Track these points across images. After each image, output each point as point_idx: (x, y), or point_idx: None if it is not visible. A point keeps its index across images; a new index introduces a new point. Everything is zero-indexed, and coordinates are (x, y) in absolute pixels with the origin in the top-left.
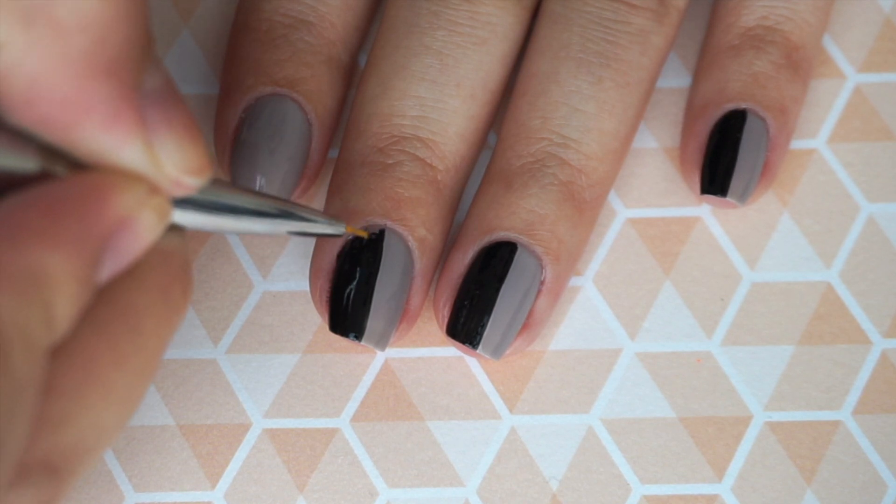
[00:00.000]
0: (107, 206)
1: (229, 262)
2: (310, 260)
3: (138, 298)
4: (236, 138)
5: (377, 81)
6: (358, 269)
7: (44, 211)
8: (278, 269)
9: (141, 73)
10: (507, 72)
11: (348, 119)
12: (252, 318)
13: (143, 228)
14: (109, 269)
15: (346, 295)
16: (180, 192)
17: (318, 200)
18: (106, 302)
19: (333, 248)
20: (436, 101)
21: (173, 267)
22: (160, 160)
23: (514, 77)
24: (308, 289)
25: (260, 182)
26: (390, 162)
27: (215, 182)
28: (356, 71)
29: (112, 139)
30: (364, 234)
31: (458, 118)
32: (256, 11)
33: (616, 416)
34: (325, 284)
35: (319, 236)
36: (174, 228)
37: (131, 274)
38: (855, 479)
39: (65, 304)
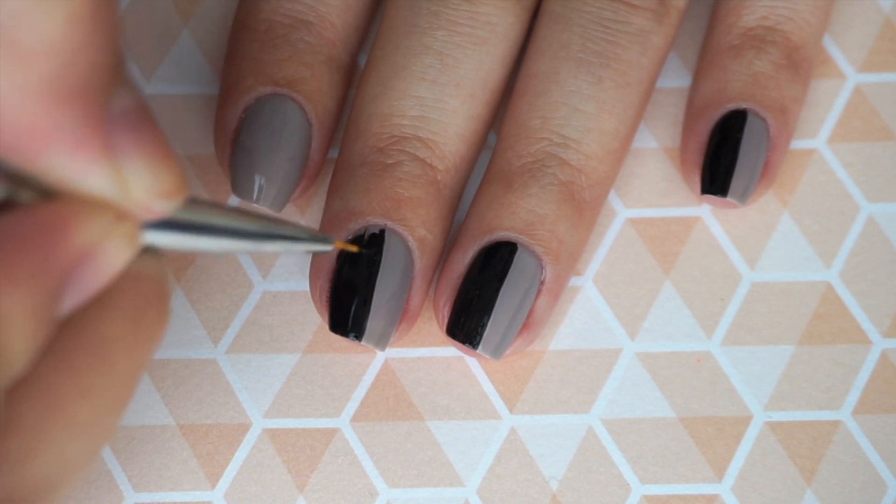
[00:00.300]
0: (68, 238)
1: (229, 262)
2: (309, 259)
3: (107, 327)
4: (236, 138)
5: (377, 81)
6: (358, 269)
7: (0, 246)
8: (278, 269)
9: (109, 97)
10: (507, 72)
11: (348, 119)
12: (252, 318)
13: (108, 258)
14: (72, 300)
15: (346, 295)
16: (151, 217)
17: (318, 201)
18: (70, 331)
19: (334, 249)
20: (436, 101)
21: (147, 292)
22: (127, 185)
23: (513, 77)
24: (308, 289)
25: (260, 182)
26: (390, 162)
27: (193, 201)
28: (356, 71)
29: (78, 165)
30: (355, 249)
31: (458, 118)
32: (256, 11)
33: (616, 416)
34: (325, 284)
35: (307, 253)
36: (150, 250)
37: (100, 301)
38: (855, 479)
39: (21, 343)
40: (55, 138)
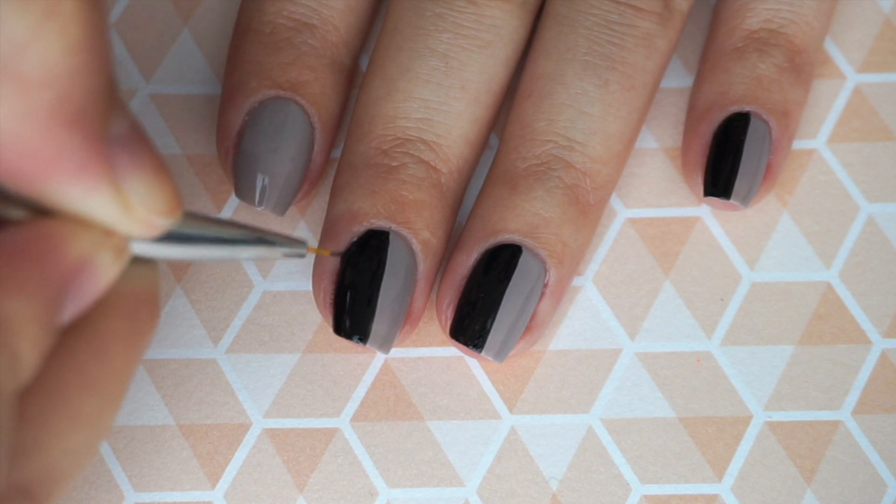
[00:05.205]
0: (64, 251)
1: (229, 262)
2: (311, 260)
3: (104, 324)
4: (239, 141)
5: (381, 83)
6: (362, 272)
7: (2, 258)
8: (278, 269)
9: (107, 121)
10: (510, 74)
11: (351, 120)
12: (252, 318)
13: (100, 269)
14: (71, 309)
15: (349, 298)
16: (153, 233)
17: (319, 202)
18: (72, 329)
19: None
20: (440, 103)
21: (140, 292)
22: (131, 205)
23: (516, 79)
24: (308, 288)
25: (262, 184)
26: (394, 164)
27: (186, 215)
28: (357, 73)
29: (81, 189)
30: (327, 253)
31: (463, 121)
32: (260, 14)
33: (616, 416)
34: (328, 287)
35: (282, 258)
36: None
37: (98, 301)
38: (855, 479)
39: (29, 349)
40: (58, 163)
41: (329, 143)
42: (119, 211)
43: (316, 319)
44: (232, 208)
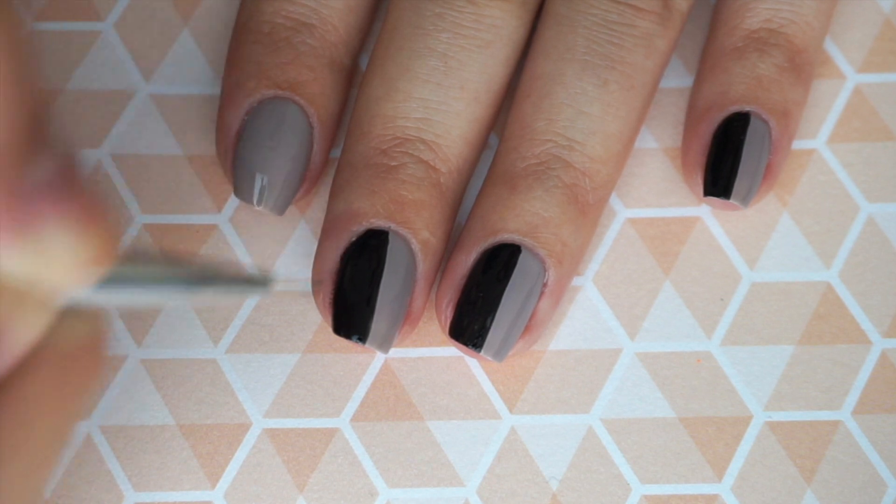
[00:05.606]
0: None
1: (229, 262)
2: (311, 260)
3: (29, 385)
4: (238, 141)
5: (381, 83)
6: (361, 271)
7: None
8: (278, 269)
9: (24, 167)
10: (510, 74)
11: (350, 120)
12: (252, 318)
13: (18, 330)
14: None
15: (349, 297)
16: (81, 284)
17: (318, 202)
18: None
19: (337, 251)
20: (440, 103)
21: (75, 343)
22: (49, 261)
23: (516, 79)
24: (308, 288)
25: (261, 184)
26: (394, 164)
27: (124, 257)
28: (357, 73)
29: None
30: (296, 293)
31: (462, 121)
32: (258, 13)
33: (616, 416)
34: (328, 286)
35: (242, 299)
36: (75, 309)
37: (19, 362)
38: (855, 479)
39: None
40: None
41: (328, 143)
42: (39, 265)
43: (316, 319)
44: (232, 208)
